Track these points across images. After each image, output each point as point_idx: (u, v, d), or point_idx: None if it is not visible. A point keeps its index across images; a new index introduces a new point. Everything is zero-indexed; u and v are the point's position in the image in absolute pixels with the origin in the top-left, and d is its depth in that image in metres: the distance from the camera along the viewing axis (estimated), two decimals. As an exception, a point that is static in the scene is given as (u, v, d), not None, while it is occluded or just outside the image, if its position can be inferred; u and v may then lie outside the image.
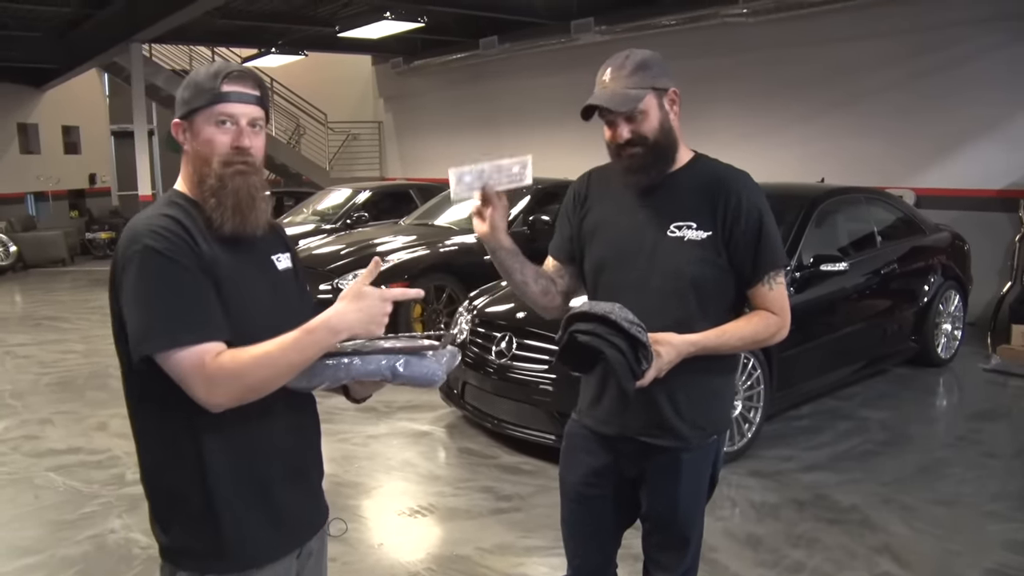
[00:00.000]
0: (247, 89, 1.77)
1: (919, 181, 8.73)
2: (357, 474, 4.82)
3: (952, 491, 4.48)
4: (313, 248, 8.19)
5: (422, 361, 1.70)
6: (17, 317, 10.21)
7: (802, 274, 5.25)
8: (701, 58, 9.69)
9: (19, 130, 16.46)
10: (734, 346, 2.20)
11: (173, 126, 1.80)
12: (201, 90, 1.74)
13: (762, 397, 4.93)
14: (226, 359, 1.61)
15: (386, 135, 17.39)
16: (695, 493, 2.31)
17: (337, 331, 1.63)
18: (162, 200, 1.80)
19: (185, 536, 1.75)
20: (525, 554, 3.84)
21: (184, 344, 1.59)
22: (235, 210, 1.73)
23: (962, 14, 8.17)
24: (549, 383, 4.74)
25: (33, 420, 5.87)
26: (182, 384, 1.61)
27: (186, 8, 9.48)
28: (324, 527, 2.00)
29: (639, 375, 2.01)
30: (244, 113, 1.76)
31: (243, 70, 1.79)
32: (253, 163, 1.78)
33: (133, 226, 1.69)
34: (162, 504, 1.79)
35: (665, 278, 2.19)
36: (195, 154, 1.77)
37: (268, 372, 1.62)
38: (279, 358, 1.61)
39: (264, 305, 1.78)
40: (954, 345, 6.94)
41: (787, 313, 2.24)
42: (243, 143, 1.76)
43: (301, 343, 1.61)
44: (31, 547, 3.96)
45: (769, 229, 2.20)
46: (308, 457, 1.93)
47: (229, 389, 1.61)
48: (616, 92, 2.15)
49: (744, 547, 3.87)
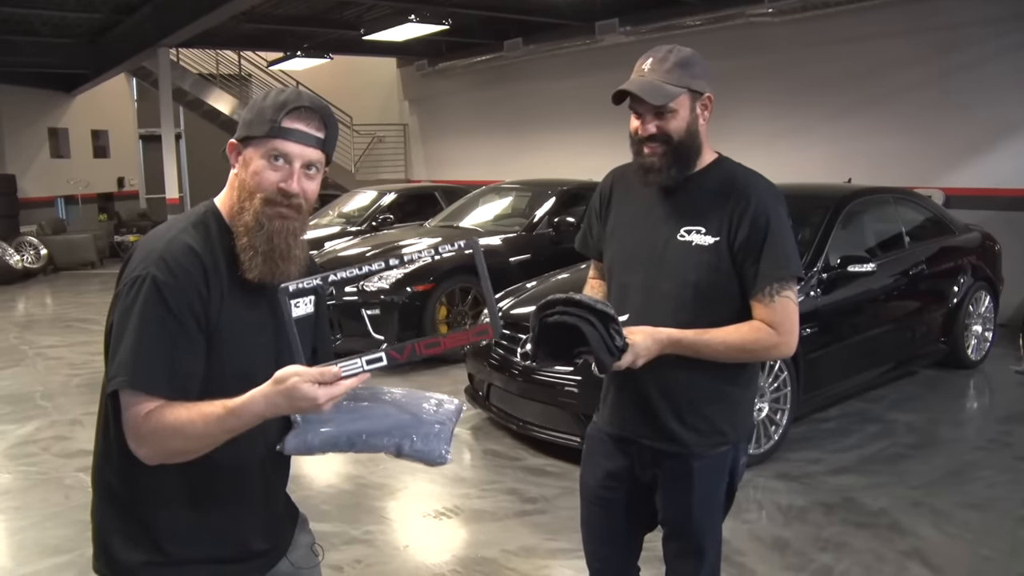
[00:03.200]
0: (310, 130, 1.65)
1: (948, 181, 8.62)
2: (383, 476, 4.83)
3: (983, 495, 4.42)
4: (339, 250, 8.24)
5: (428, 440, 1.67)
6: (48, 319, 10.35)
7: (829, 275, 5.21)
8: (727, 58, 9.62)
9: (50, 135, 16.68)
10: (718, 350, 2.11)
11: (229, 145, 1.70)
12: (262, 119, 1.63)
13: (789, 399, 4.89)
14: (156, 418, 1.53)
15: (411, 137, 17.43)
16: (709, 502, 2.27)
17: (261, 415, 1.51)
18: (194, 215, 1.71)
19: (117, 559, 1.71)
20: (550, 556, 3.83)
21: (130, 388, 1.54)
22: (266, 257, 1.63)
23: (991, 12, 8.07)
24: (574, 385, 4.73)
25: (63, 421, 5.95)
26: (124, 428, 1.57)
27: (213, 13, 9.57)
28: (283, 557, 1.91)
29: (615, 352, 1.98)
30: (300, 155, 1.64)
31: (313, 106, 1.66)
32: (300, 207, 1.66)
33: (152, 243, 1.64)
34: (105, 525, 1.73)
35: (671, 282, 2.17)
36: (241, 182, 1.67)
37: (193, 439, 1.54)
38: (201, 430, 1.53)
39: (264, 352, 1.70)
40: (985, 347, 6.84)
41: (787, 329, 2.12)
42: (291, 188, 1.64)
43: (225, 423, 1.53)
44: (61, 546, 4.01)
45: (777, 238, 2.11)
46: (265, 486, 1.84)
47: (153, 448, 1.56)
48: (652, 83, 2.12)
49: (771, 551, 3.84)
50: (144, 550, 1.69)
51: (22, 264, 13.16)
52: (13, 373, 7.38)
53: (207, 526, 1.72)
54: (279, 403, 1.49)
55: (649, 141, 2.15)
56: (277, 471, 1.88)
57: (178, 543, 1.70)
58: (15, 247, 13.27)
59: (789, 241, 2.17)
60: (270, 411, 1.51)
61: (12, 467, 5.09)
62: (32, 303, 11.60)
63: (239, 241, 1.65)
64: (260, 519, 1.83)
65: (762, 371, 4.76)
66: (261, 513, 1.83)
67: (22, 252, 13.37)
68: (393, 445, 1.65)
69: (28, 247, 13.57)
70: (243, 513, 1.78)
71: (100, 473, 1.74)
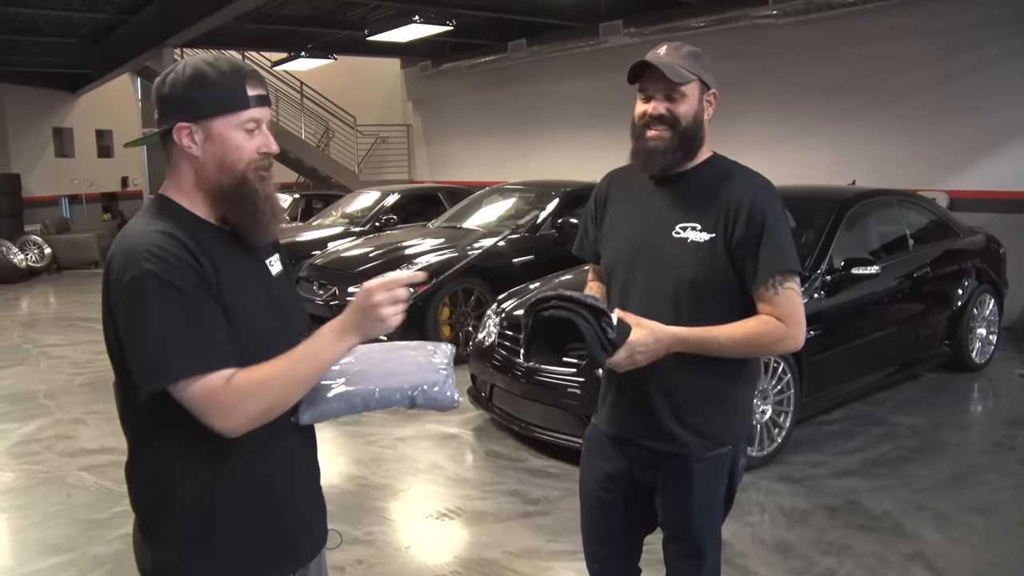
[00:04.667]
0: (264, 91, 1.69)
1: (952, 183, 8.60)
2: (385, 476, 4.83)
3: (987, 499, 4.40)
4: (342, 251, 8.23)
5: (438, 387, 1.67)
6: (51, 318, 10.37)
7: (833, 277, 5.19)
8: (730, 60, 9.59)
9: (54, 134, 16.74)
10: (726, 346, 2.10)
11: (178, 129, 1.62)
12: (228, 93, 1.62)
13: (792, 401, 4.88)
14: (239, 382, 1.54)
15: (415, 138, 17.44)
16: (708, 504, 2.27)
17: (343, 332, 1.58)
18: (151, 210, 1.67)
19: (175, 556, 1.68)
20: (552, 558, 3.83)
21: (194, 374, 1.52)
22: (274, 216, 1.69)
23: (994, 15, 8.05)
24: (577, 387, 4.73)
25: (66, 420, 5.96)
26: (198, 414, 1.54)
27: (217, 13, 9.58)
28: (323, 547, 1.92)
29: (607, 347, 1.99)
30: (265, 116, 1.68)
31: (255, 69, 1.70)
32: (272, 164, 1.72)
33: (127, 244, 1.58)
34: (155, 522, 1.70)
35: (667, 279, 2.17)
36: (211, 160, 1.64)
37: (283, 388, 1.57)
38: (294, 371, 1.57)
39: (262, 315, 1.70)
40: (989, 350, 6.82)
41: (795, 321, 2.11)
42: (274, 148, 1.69)
43: (312, 350, 1.58)
44: (63, 545, 4.01)
45: (775, 232, 2.11)
46: (309, 480, 1.87)
47: (247, 412, 1.55)
48: (670, 63, 2.14)
49: (774, 553, 3.82)
50: (191, 541, 1.67)
51: (26, 263, 13.18)
52: (16, 372, 7.38)
53: (255, 515, 1.71)
54: (355, 320, 1.58)
55: (657, 123, 2.15)
56: (313, 456, 1.89)
57: (227, 533, 1.68)
58: (19, 246, 13.30)
59: (787, 236, 2.16)
60: (348, 326, 1.58)
61: (15, 466, 5.09)
62: (36, 302, 11.62)
63: (231, 215, 1.67)
64: (306, 506, 1.84)
65: (765, 373, 4.75)
66: (307, 499, 1.85)
67: (26, 251, 13.40)
68: (406, 398, 1.66)
69: (32, 246, 13.60)
70: (292, 499, 1.78)
71: (143, 471, 1.72)
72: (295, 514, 1.79)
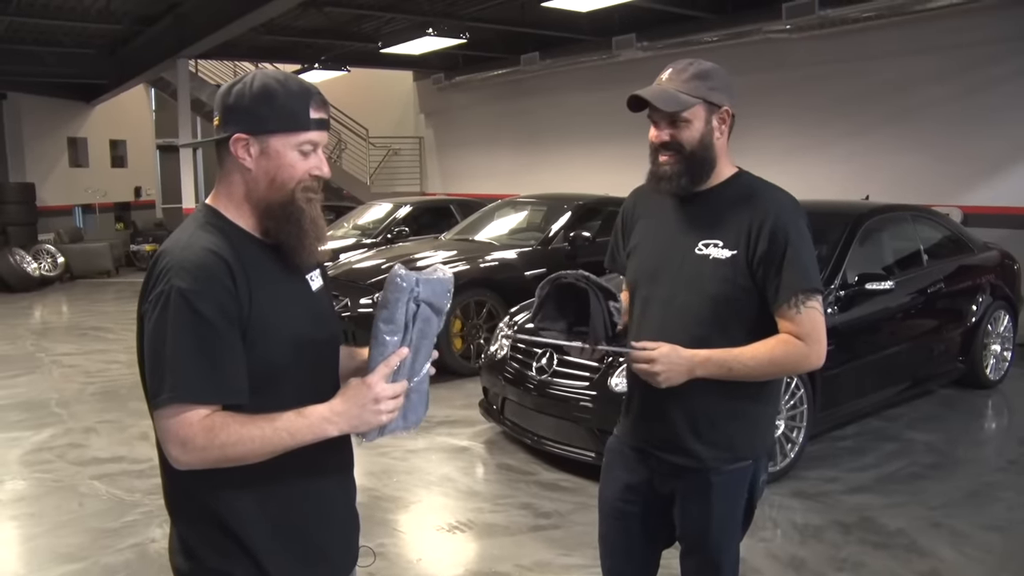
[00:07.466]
0: (326, 115, 1.70)
1: (966, 199, 8.57)
2: (396, 488, 4.82)
3: (1004, 517, 4.36)
4: (354, 262, 8.24)
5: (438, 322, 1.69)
6: (64, 327, 10.41)
7: (846, 292, 5.17)
8: (744, 75, 9.55)
9: (69, 144, 16.84)
10: (749, 366, 2.09)
11: (235, 140, 1.63)
12: (290, 112, 1.64)
13: (805, 417, 4.85)
14: (216, 426, 1.53)
15: (427, 150, 17.48)
16: (727, 518, 2.26)
17: (329, 422, 1.57)
18: (197, 220, 1.69)
19: (211, 569, 1.68)
20: (564, 572, 3.81)
21: (175, 403, 1.53)
22: (317, 238, 1.70)
23: (1008, 31, 8.05)
24: (589, 400, 4.72)
25: (78, 429, 5.97)
26: (160, 435, 1.56)
27: (232, 25, 9.64)
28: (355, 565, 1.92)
29: (609, 328, 2.08)
30: (323, 140, 1.70)
31: (321, 94, 1.70)
32: (320, 186, 1.73)
33: (171, 254, 1.60)
34: (191, 534, 1.70)
35: (689, 295, 2.18)
36: (263, 175, 1.66)
37: (251, 452, 1.56)
38: (269, 440, 1.55)
39: (299, 328, 1.70)
40: (1004, 366, 6.77)
41: (816, 340, 2.11)
42: (326, 172, 1.70)
43: (295, 427, 1.56)
44: (74, 554, 4.01)
45: (798, 251, 2.11)
46: (346, 499, 1.87)
47: (206, 456, 1.54)
48: (666, 91, 2.15)
49: (787, 570, 3.80)
50: (230, 556, 1.66)
51: (39, 272, 13.25)
52: (29, 380, 7.41)
53: (295, 532, 1.72)
54: (343, 409, 1.58)
55: (663, 149, 2.18)
56: (350, 475, 1.89)
57: (266, 550, 1.67)
58: (33, 255, 13.37)
59: (810, 255, 2.17)
60: (335, 414, 1.58)
61: (27, 474, 5.10)
62: (48, 311, 11.67)
63: (273, 233, 1.68)
64: (343, 524, 1.85)
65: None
66: (344, 517, 1.85)
67: (39, 260, 13.47)
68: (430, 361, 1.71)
69: (45, 255, 13.67)
70: (330, 518, 1.79)
71: (177, 485, 1.71)
72: (333, 532, 1.79)
